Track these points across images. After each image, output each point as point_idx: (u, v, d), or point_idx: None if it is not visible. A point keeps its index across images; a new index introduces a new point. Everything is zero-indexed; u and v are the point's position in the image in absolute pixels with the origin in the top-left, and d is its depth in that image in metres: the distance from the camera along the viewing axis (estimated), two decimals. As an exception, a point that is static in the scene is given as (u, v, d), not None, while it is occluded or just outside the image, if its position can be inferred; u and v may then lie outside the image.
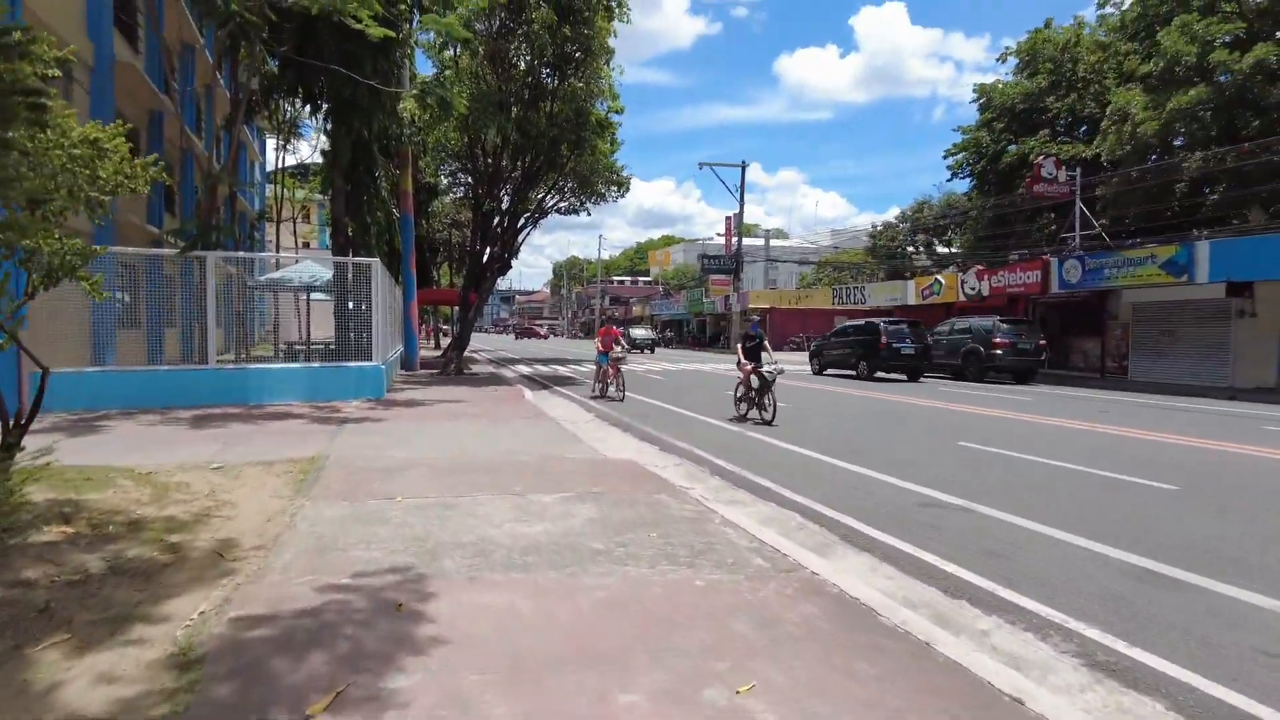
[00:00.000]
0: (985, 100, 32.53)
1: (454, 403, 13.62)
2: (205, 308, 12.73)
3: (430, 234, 41.12)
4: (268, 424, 10.48)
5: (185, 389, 12.58)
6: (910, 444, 9.93)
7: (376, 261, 14.05)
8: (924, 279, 29.62)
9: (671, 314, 65.35)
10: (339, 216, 15.37)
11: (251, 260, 17.26)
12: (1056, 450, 9.41)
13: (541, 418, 11.71)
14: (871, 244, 50.30)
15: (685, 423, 11.88)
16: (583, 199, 32.98)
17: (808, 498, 6.54)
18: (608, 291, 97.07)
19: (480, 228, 21.61)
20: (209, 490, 5.83)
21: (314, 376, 13.60)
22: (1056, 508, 6.28)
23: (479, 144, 21.15)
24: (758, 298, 47.35)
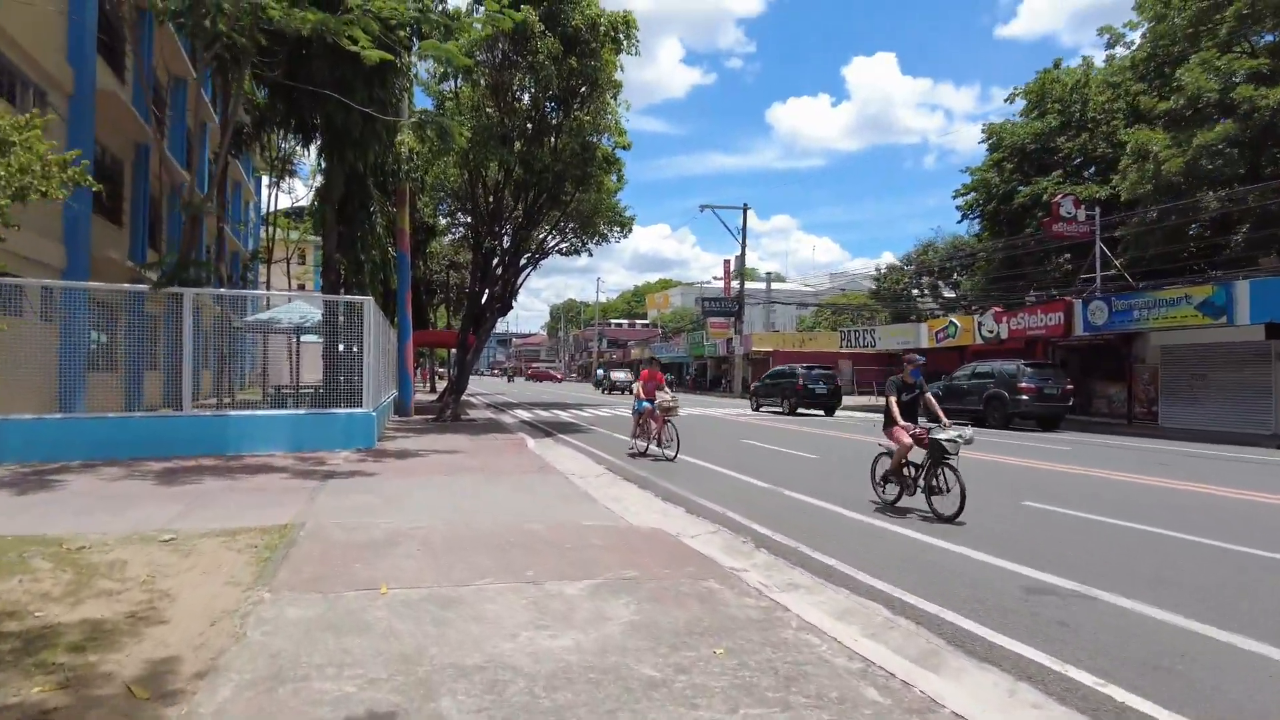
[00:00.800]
0: (995, 141, 32.09)
1: (451, 454, 12.47)
2: (182, 349, 11.64)
3: (427, 275, 40.30)
4: (243, 479, 9.32)
5: (158, 438, 11.43)
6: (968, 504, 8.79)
7: (369, 300, 13.03)
8: (937, 321, 28.72)
9: (671, 357, 64.36)
10: (331, 253, 14.39)
11: (240, 299, 16.22)
12: (1139, 512, 8.28)
13: (548, 471, 10.56)
14: (876, 286, 49.61)
15: (705, 477, 10.73)
16: (584, 239, 32.28)
17: (882, 579, 5.40)
18: (605, 334, 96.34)
19: (480, 267, 20.66)
20: (148, 574, 4.67)
21: (299, 424, 12.46)
22: (1205, 596, 5.12)
23: (480, 180, 20.33)
24: (761, 340, 46.42)
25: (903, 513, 8.03)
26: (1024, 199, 29.77)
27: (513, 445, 14.00)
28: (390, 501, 7.86)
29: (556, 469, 10.95)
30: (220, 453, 11.76)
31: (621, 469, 11.51)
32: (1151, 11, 24.54)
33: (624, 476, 10.63)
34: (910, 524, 7.48)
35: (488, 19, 13.35)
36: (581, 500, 8.23)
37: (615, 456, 13.16)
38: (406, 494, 8.35)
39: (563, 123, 18.36)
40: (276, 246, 35.47)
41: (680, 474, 10.99)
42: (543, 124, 18.51)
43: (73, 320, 11.61)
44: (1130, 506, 8.65)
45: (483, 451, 12.87)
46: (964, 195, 33.79)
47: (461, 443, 14.09)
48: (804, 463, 12.59)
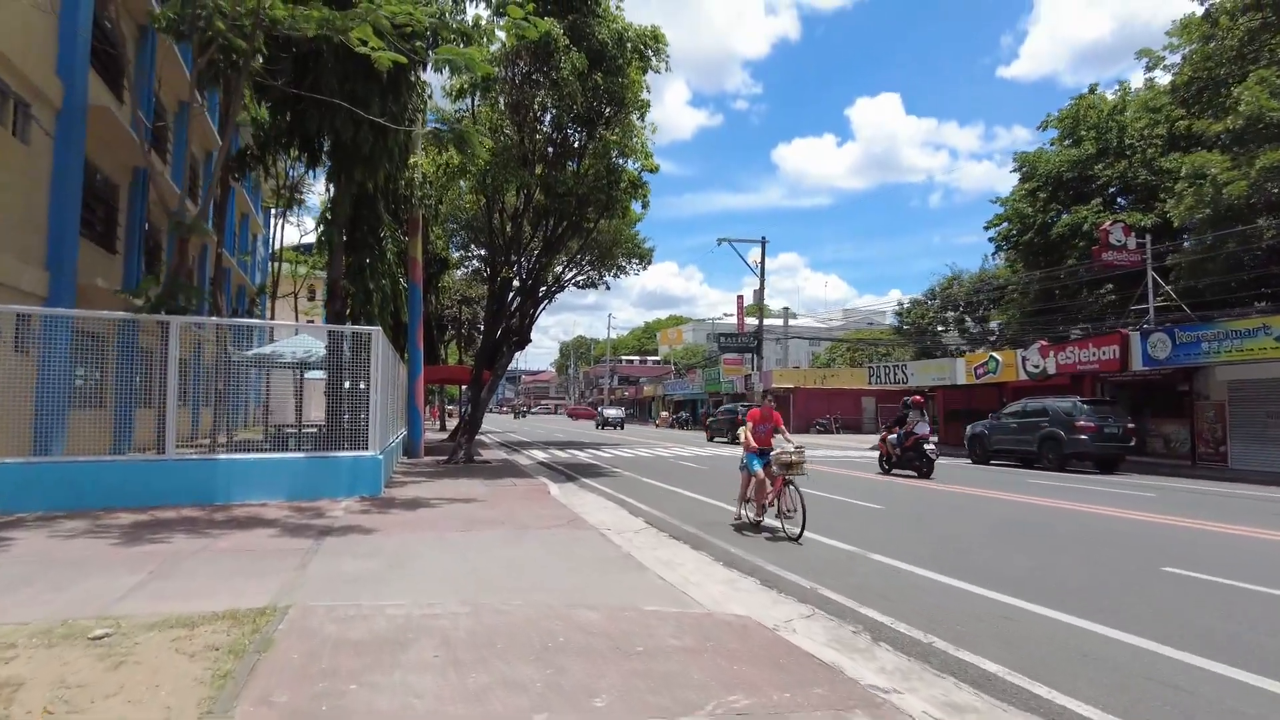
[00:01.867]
0: (1027, 170, 30.93)
1: (466, 502, 11.04)
2: (166, 384, 10.33)
3: (439, 310, 39.21)
4: (225, 536, 7.93)
5: (135, 485, 10.06)
6: (1090, 570, 7.29)
7: (378, 331, 11.73)
8: (975, 356, 27.26)
9: (685, 394, 62.93)
10: (336, 280, 13.14)
11: (239, 330, 14.96)
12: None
13: (579, 525, 9.10)
14: (899, 321, 48.23)
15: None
16: (601, 272, 31.18)
17: (1068, 694, 3.94)
18: (616, 371, 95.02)
19: (496, 299, 19.42)
20: (45, 706, 3.25)
21: (297, 469, 11.08)
22: None
23: (498, 207, 19.18)
24: (781, 377, 44.97)
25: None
26: (1063, 228, 28.49)
27: (534, 491, 12.56)
28: (398, 567, 6.43)
29: (588, 522, 9.49)
30: (206, 502, 10.38)
31: (662, 522, 10.03)
32: (1197, 33, 23.47)
33: (670, 533, 9.15)
34: (1037, 599, 5.98)
35: (511, 26, 12.23)
36: (627, 566, 6.78)
37: (649, 504, 11.70)
38: (417, 556, 6.93)
39: (586, 145, 17.24)
40: (285, 282, 34.51)
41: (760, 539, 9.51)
42: (565, 146, 17.39)
43: (53, 352, 10.31)
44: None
45: (502, 499, 11.43)
46: (996, 226, 32.55)
47: (477, 489, 12.66)
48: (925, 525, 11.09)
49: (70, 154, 12.99)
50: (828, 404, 44.87)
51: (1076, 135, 30.10)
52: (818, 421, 43.43)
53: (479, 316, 43.36)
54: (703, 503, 12.04)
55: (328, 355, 12.43)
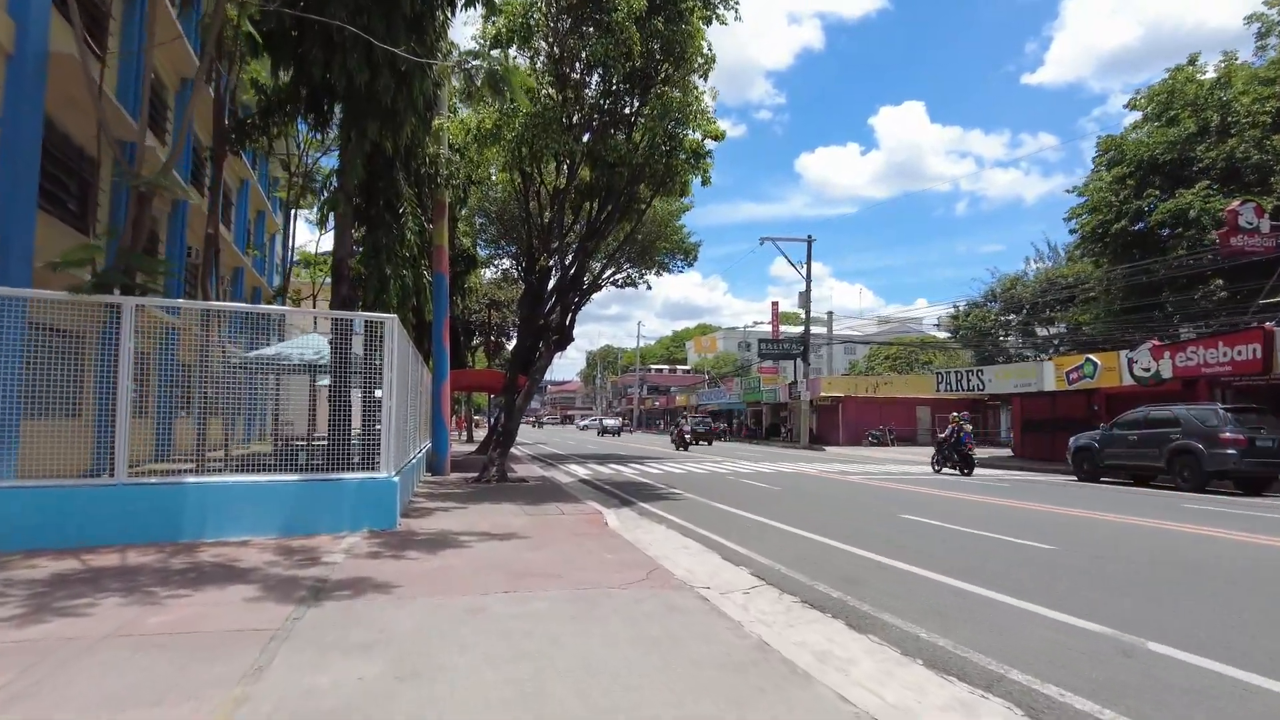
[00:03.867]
0: (1115, 154, 27.87)
1: (505, 539, 8.49)
2: (117, 386, 7.91)
3: (465, 314, 36.90)
4: (168, 602, 5.48)
5: (69, 519, 7.65)
6: None
7: (393, 320, 9.24)
8: (1066, 359, 24.26)
9: (721, 403, 60.15)
10: (343, 259, 10.68)
11: (210, 315, 12.64)
12: None
13: (665, 583, 6.48)
14: (954, 326, 45.13)
15: (913, 585, 6.57)
16: (642, 270, 28.65)
17: None
18: (646, 380, 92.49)
19: (532, 292, 16.90)
20: None
21: (291, 496, 8.60)
22: None
23: (534, 186, 16.70)
24: (830, 385, 42.05)
25: None
26: (1162, 215, 25.39)
27: (588, 523, 9.96)
28: (413, 678, 3.87)
29: (674, 575, 6.86)
30: (169, 539, 7.94)
31: (776, 575, 7.37)
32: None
33: (800, 596, 6.48)
34: None
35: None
36: (774, 672, 4.14)
37: (740, 542, 9.04)
38: (444, 650, 4.36)
39: (639, 111, 14.69)
40: (302, 285, 32.33)
41: (876, 578, 6.83)
42: (614, 114, 14.84)
43: (8, 347, 7.95)
44: None
45: (550, 534, 8.84)
46: (1079, 217, 29.46)
47: (517, 519, 10.09)
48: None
49: (22, 109, 10.69)
50: (879, 414, 41.84)
51: (1171, 114, 27.00)
52: (870, 433, 40.43)
53: (509, 321, 41.02)
54: (813, 541, 9.35)
55: (332, 351, 9.97)
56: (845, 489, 16.05)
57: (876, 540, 9.22)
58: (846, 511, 12.18)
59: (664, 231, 25.08)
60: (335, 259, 10.72)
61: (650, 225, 23.63)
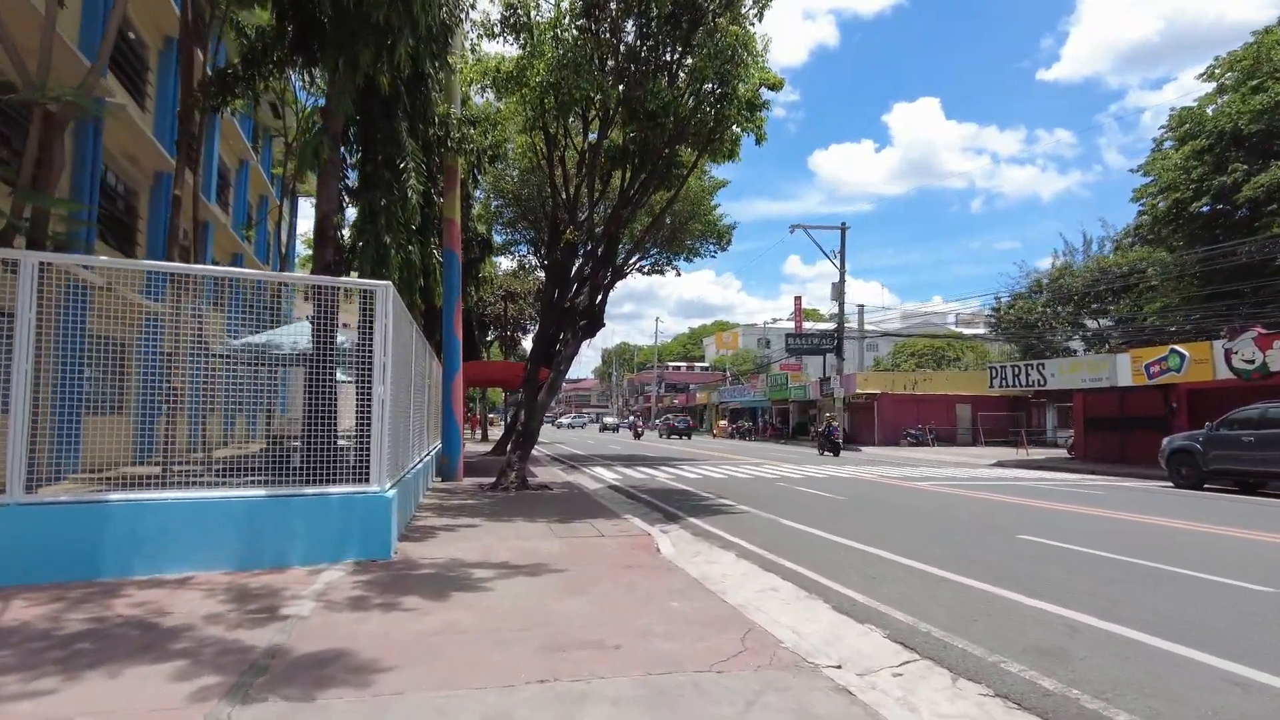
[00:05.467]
0: (1189, 128, 25.36)
1: (533, 575, 6.39)
2: (11, 371, 5.87)
3: (479, 306, 34.85)
4: (24, 698, 3.39)
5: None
6: None
7: (387, 287, 7.15)
8: (1146, 351, 21.84)
9: (743, 401, 57.85)
10: (327, 215, 8.60)
11: (159, 278, 10.64)
12: None
13: (773, 657, 4.34)
14: (996, 319, 42.64)
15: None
16: (671, 255, 26.47)
17: None
18: (665, 378, 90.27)
19: (557, 271, 14.76)
20: None
21: (252, 517, 6.53)
22: None
23: (560, 150, 14.57)
24: (865, 382, 39.69)
25: None
26: (1254, 190, 22.89)
27: (634, 547, 7.83)
28: None
29: (780, 640, 4.74)
30: (84, 577, 5.94)
31: (926, 641, 5.20)
32: None
33: (991, 687, 4.30)
34: None
35: None
36: None
37: (846, 583, 6.88)
38: None
39: (683, 58, 12.52)
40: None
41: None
42: (654, 60, 12.65)
43: None
44: None
45: (592, 569, 6.72)
46: (1150, 196, 26.92)
47: (545, 542, 7.98)
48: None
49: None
50: (917, 412, 39.44)
51: (1255, 82, 24.44)
52: (909, 432, 38.06)
53: (526, 314, 38.96)
54: (942, 581, 7.17)
55: (313, 327, 7.90)
56: (923, 499, 13.82)
57: (1030, 578, 7.03)
58: (947, 530, 9.96)
59: (697, 211, 22.87)
60: (318, 216, 8.63)
61: (682, 203, 21.41)
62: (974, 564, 7.63)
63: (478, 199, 24.42)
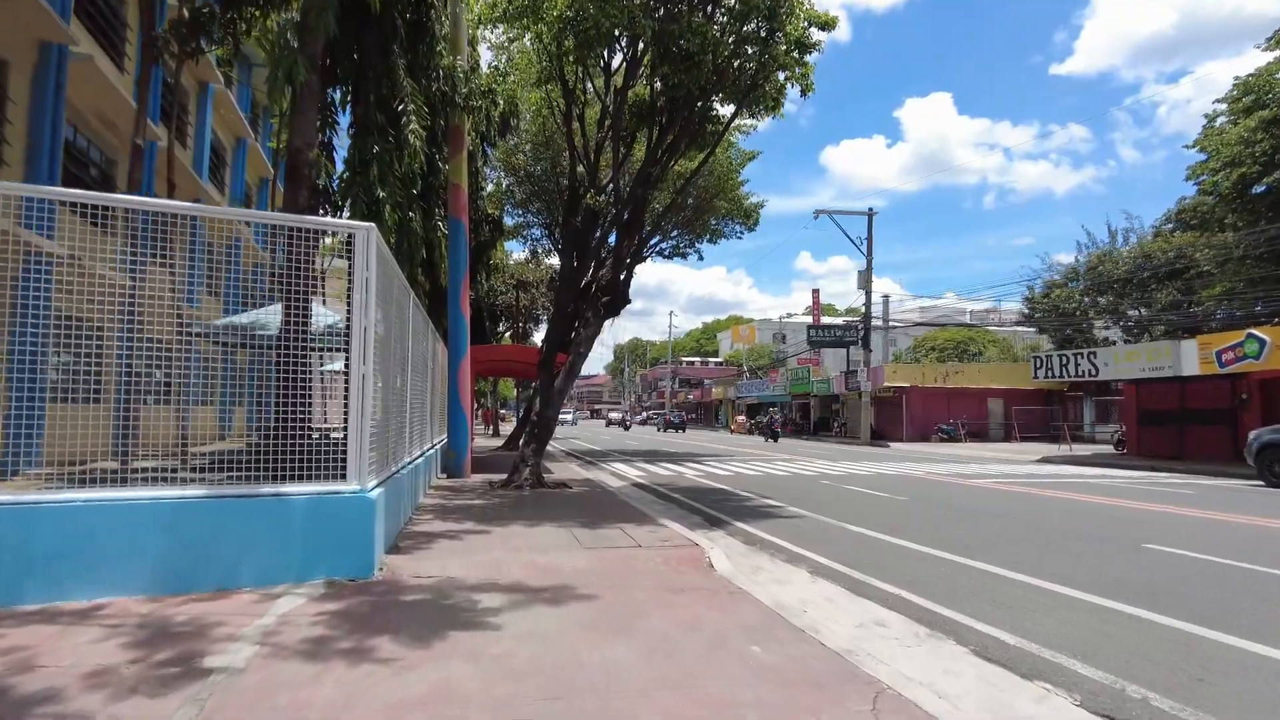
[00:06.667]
0: (1255, 98, 23.46)
1: (555, 604, 4.82)
2: None
3: (490, 295, 33.29)
4: None
5: None
6: None
7: (369, 230, 5.57)
8: (1218, 337, 20.01)
9: (763, 396, 56.10)
10: (300, 149, 7.03)
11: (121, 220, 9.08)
12: None
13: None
14: (1029, 309, 40.74)
15: None
16: (692, 238, 24.81)
17: None
18: (679, 374, 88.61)
19: (576, 239, 13.16)
20: None
21: (190, 524, 4.98)
22: None
23: (578, 106, 12.96)
24: (894, 374, 37.89)
25: None
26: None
27: (680, 562, 6.23)
28: None
29: (934, 715, 3.12)
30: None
31: (1136, 709, 3.57)
32: None
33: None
34: None
35: None
36: None
37: (975, 614, 5.27)
38: None
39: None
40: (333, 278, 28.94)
41: None
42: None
43: None
44: None
45: (631, 594, 5.13)
46: (1209, 173, 25.03)
47: (569, 553, 6.39)
48: None
49: None
50: (948, 406, 37.59)
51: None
52: (940, 427, 36.24)
53: (539, 304, 37.41)
54: (1098, 609, 5.54)
55: (282, 285, 6.34)
56: (994, 500, 12.17)
57: (1219, 607, 5.39)
58: (1052, 538, 8.30)
59: (724, 187, 21.18)
60: (290, 151, 7.08)
61: (707, 178, 19.75)
62: (1121, 585, 5.98)
63: (489, 178, 22.90)
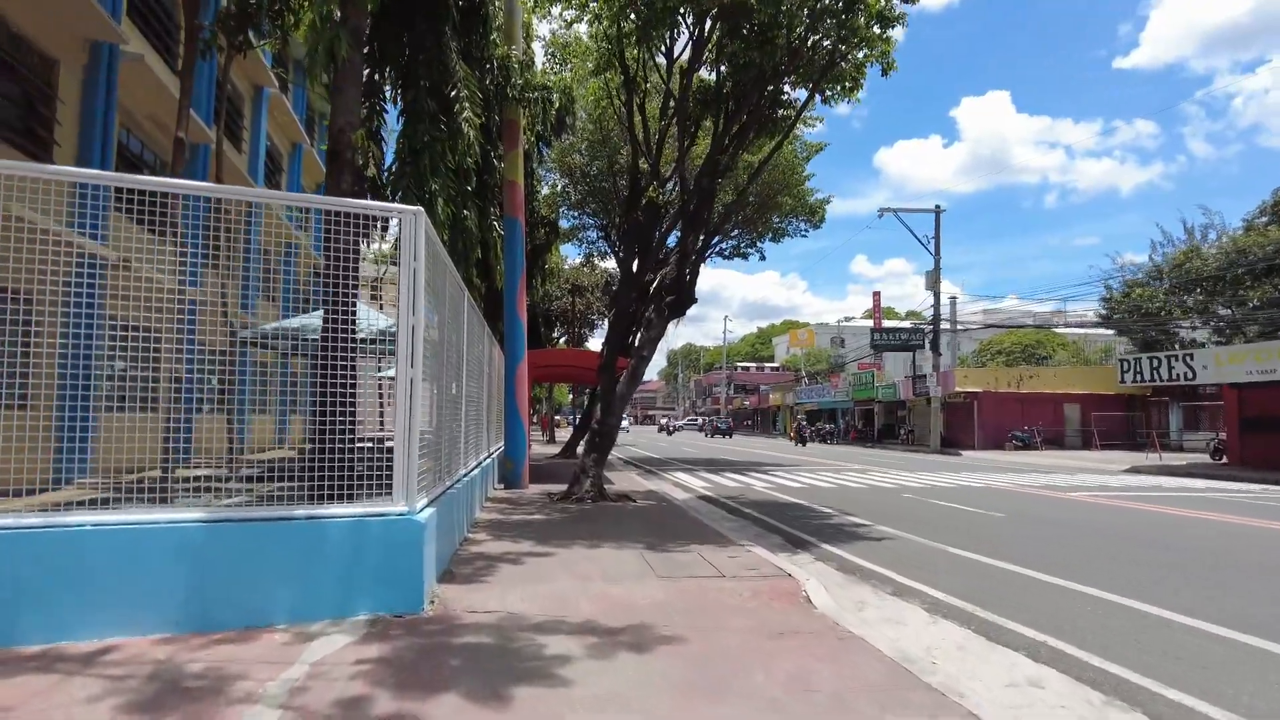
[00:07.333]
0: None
1: (638, 649, 4.00)
2: None
3: (545, 301, 32.86)
4: None
5: None
6: None
7: (418, 214, 4.86)
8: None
9: (823, 402, 54.54)
10: (344, 129, 6.41)
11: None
12: None
13: None
14: (1106, 310, 38.53)
15: None
16: (753, 237, 23.84)
17: None
18: (734, 379, 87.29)
19: (638, 236, 12.38)
20: None
21: (214, 552, 4.31)
22: None
23: (640, 93, 12.21)
24: (965, 379, 36.18)
25: None
26: None
27: (773, 595, 5.35)
28: None
29: None
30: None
31: None
32: None
33: None
34: None
35: None
36: None
37: (1181, 686, 4.27)
38: None
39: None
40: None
41: None
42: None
43: None
44: None
45: (726, 641, 4.27)
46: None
47: (643, 583, 5.58)
48: None
49: None
50: (1021, 412, 35.67)
51: None
52: (1014, 434, 34.37)
53: (594, 309, 36.88)
54: None
55: (323, 279, 5.71)
56: (1104, 516, 10.95)
57: None
58: (1207, 568, 7.15)
59: (789, 182, 20.18)
60: (331, 133, 6.46)
61: (771, 172, 18.77)
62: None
63: (544, 180, 22.37)
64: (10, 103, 9.81)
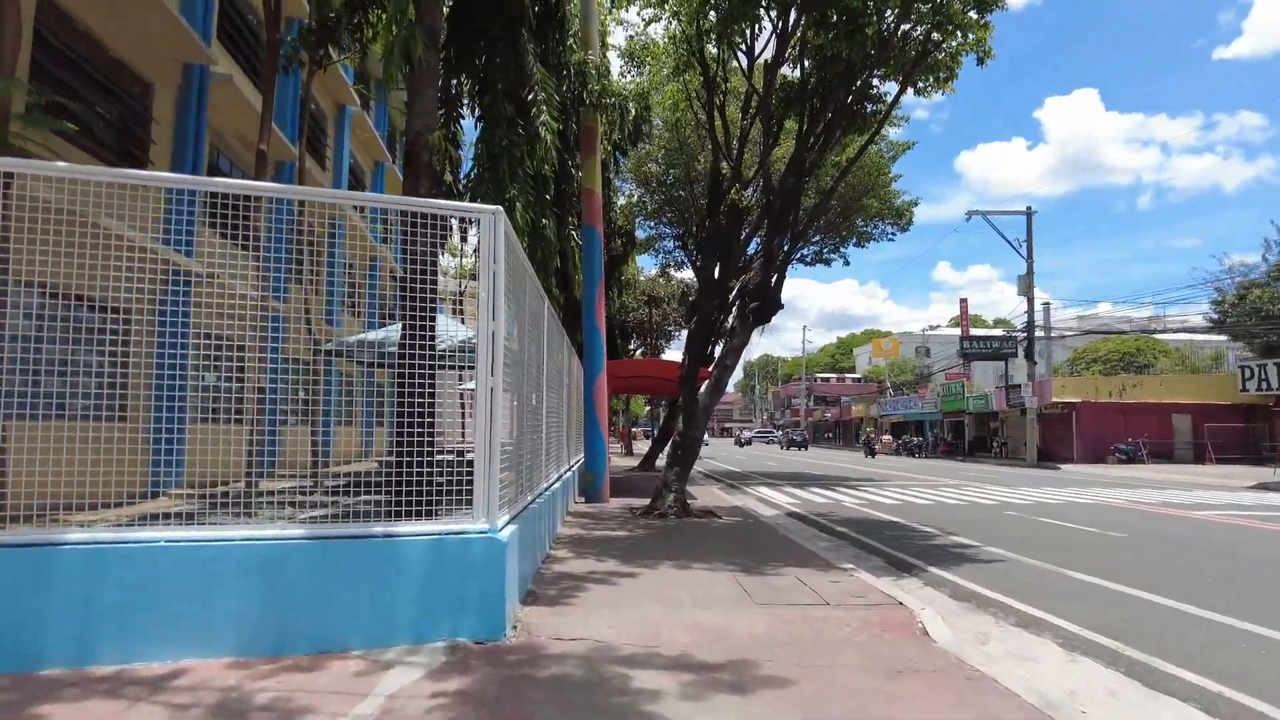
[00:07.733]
0: None
1: (739, 690, 3.58)
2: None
3: (621, 313, 32.71)
4: None
5: None
6: None
7: (497, 214, 4.59)
8: None
9: (909, 414, 52.59)
10: (422, 132, 6.23)
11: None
12: None
13: None
14: (1219, 314, 35.78)
15: None
16: (837, 242, 23.04)
17: None
18: (813, 390, 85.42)
19: (720, 241, 11.95)
20: None
21: (284, 572, 4.09)
22: None
23: (720, 93, 11.83)
24: (1061, 388, 34.20)
25: None
26: None
27: (884, 627, 4.82)
28: None
29: None
30: (17, 669, 3.66)
31: None
32: None
33: None
34: None
35: None
36: None
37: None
38: None
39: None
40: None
41: None
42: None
43: None
44: None
45: (840, 681, 3.78)
46: None
47: (739, 610, 5.13)
48: None
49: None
50: (1124, 424, 33.40)
51: None
52: (1117, 447, 32.19)
53: (670, 319, 36.56)
54: None
55: (402, 285, 5.51)
56: (1245, 539, 9.87)
57: None
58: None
59: (874, 184, 19.39)
60: (408, 136, 6.30)
61: (856, 173, 18.03)
62: None
63: (620, 190, 22.19)
64: (109, 124, 10.15)
